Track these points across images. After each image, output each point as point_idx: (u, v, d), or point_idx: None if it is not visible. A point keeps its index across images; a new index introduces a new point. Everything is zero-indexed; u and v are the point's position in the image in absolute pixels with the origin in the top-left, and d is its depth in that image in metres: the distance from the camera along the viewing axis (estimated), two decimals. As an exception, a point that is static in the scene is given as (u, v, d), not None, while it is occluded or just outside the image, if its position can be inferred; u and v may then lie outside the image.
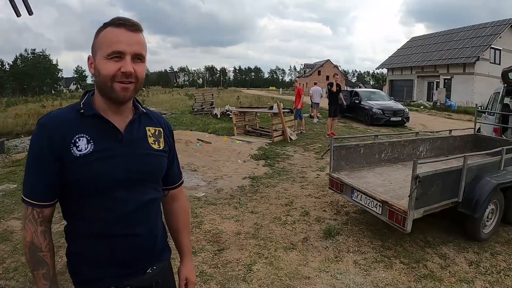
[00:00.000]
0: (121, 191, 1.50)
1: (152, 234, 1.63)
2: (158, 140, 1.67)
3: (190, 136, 12.45)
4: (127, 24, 1.48)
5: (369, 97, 20.12)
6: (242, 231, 5.12)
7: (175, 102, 33.58)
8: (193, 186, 7.52)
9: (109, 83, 1.45)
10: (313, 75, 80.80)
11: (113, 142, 1.50)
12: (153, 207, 1.63)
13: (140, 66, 1.50)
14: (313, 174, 8.13)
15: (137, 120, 1.61)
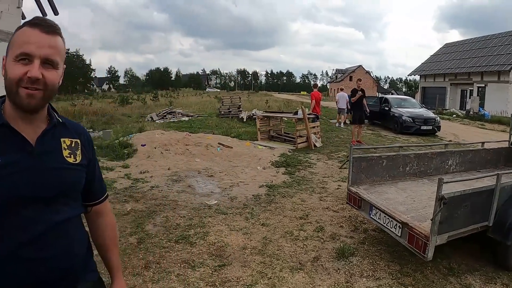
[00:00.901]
0: (30, 210, 1.36)
1: (69, 256, 1.47)
2: (75, 152, 1.54)
3: (211, 139, 12.21)
4: (43, 25, 1.37)
5: (399, 104, 19.43)
6: (248, 246, 4.77)
7: (204, 105, 33.49)
8: (206, 193, 7.24)
9: (14, 87, 1.33)
10: (344, 80, 79.93)
11: (21, 156, 1.37)
12: (69, 227, 1.49)
13: (51, 73, 1.37)
14: (334, 185, 7.71)
15: (51, 131, 1.47)
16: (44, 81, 1.35)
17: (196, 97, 52.42)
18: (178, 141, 11.79)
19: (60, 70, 1.43)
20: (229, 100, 24.08)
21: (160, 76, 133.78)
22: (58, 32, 1.41)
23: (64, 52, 1.46)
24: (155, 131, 13.49)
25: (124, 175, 8.57)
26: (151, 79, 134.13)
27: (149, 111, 26.36)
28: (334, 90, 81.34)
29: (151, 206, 6.40)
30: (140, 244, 4.87)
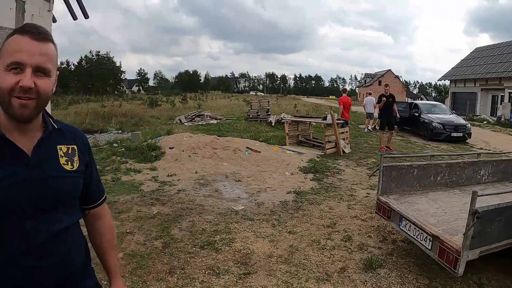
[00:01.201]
0: (29, 221, 1.37)
1: (68, 263, 1.49)
2: (72, 159, 1.53)
3: (239, 143, 12.21)
4: (33, 32, 1.34)
5: (429, 110, 19.04)
6: (274, 254, 4.70)
7: (232, 108, 33.58)
8: (233, 198, 7.21)
9: (6, 97, 1.31)
10: (373, 85, 78.93)
11: (18, 167, 1.36)
12: (68, 234, 1.50)
13: (44, 81, 1.35)
14: (362, 192, 7.57)
15: (47, 139, 1.46)
16: (37, 90, 1.33)
17: (224, 100, 52.67)
18: (206, 144, 11.83)
19: (53, 77, 1.41)
20: (258, 103, 24.05)
21: (189, 78, 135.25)
22: (49, 39, 1.39)
23: (57, 59, 1.44)
24: (183, 134, 13.57)
25: (151, 178, 8.63)
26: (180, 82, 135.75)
27: (177, 114, 26.58)
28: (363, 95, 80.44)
29: (177, 210, 6.40)
30: (165, 248, 4.87)
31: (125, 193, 7.34)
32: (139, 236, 5.28)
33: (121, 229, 5.51)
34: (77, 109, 29.84)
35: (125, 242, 5.07)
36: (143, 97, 59.29)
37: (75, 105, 38.34)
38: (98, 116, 22.69)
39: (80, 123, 19.97)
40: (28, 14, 11.55)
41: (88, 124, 20.00)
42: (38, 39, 1.34)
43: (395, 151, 12.70)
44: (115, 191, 7.51)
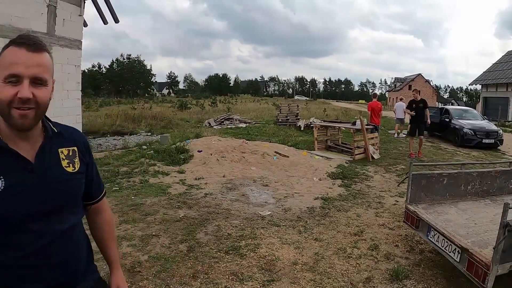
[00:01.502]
0: (36, 224, 1.45)
1: (73, 260, 1.59)
2: (73, 161, 1.61)
3: (268, 148, 12.19)
4: (28, 44, 1.38)
5: (460, 115, 18.55)
6: (299, 261, 4.65)
7: (262, 111, 33.61)
8: (260, 203, 7.20)
9: (6, 109, 1.36)
10: (403, 89, 77.68)
11: (23, 175, 1.43)
12: (73, 233, 1.60)
13: (41, 91, 1.41)
14: (391, 200, 7.42)
15: (48, 144, 1.54)
16: (35, 100, 1.38)
17: (253, 104, 52.74)
18: (234, 148, 11.85)
19: (49, 86, 1.46)
20: (287, 107, 24.03)
21: (218, 82, 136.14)
22: (44, 49, 1.44)
23: (52, 67, 1.49)
24: (212, 137, 13.64)
25: (179, 181, 8.69)
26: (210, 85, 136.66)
27: (207, 117, 26.80)
28: (393, 99, 79.30)
29: (203, 214, 6.42)
30: (190, 252, 4.89)
31: (152, 196, 7.41)
32: (164, 239, 5.32)
33: (147, 232, 5.56)
34: (108, 111, 30.41)
35: (150, 244, 5.11)
36: (173, 100, 59.94)
37: (106, 107, 39.11)
38: (128, 118, 23.07)
39: (111, 125, 20.35)
40: (60, 19, 11.85)
41: (118, 126, 20.36)
42: (34, 50, 1.39)
43: (425, 158, 12.45)
44: (142, 193, 7.60)
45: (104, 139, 16.58)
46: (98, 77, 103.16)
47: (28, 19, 10.65)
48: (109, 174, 9.12)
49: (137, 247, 5.01)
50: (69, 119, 12.24)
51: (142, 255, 4.77)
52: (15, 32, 10.11)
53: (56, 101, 11.80)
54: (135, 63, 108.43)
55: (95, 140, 15.84)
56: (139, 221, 6.05)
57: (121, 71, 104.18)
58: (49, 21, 11.48)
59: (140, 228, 5.74)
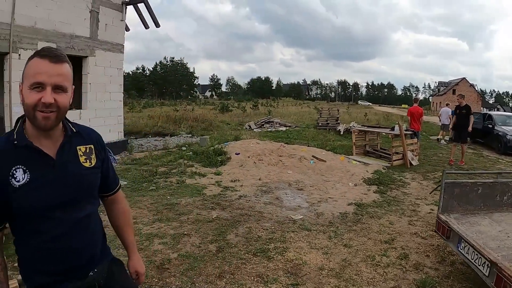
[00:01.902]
0: (58, 212, 1.66)
1: (90, 243, 1.82)
2: (90, 157, 1.82)
3: (305, 152, 12.18)
4: (50, 56, 1.58)
5: (504, 121, 17.67)
6: (326, 267, 4.64)
7: (303, 115, 33.50)
8: (293, 207, 7.21)
9: (31, 112, 1.57)
10: (447, 94, 75.44)
11: (46, 169, 1.65)
12: (90, 220, 1.81)
13: (62, 96, 1.61)
14: (426, 208, 7.25)
15: (67, 142, 1.74)
16: (57, 105, 1.59)
17: (295, 107, 52.57)
18: (272, 151, 11.91)
19: (69, 92, 1.66)
20: (328, 111, 23.87)
21: (261, 85, 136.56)
22: (65, 60, 1.64)
23: (71, 76, 1.68)
24: (250, 140, 13.74)
25: (215, 182, 8.81)
26: (252, 88, 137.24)
27: (248, 120, 26.92)
28: (437, 104, 77.27)
29: (236, 216, 6.50)
30: (218, 252, 4.98)
31: (188, 196, 7.56)
32: (195, 238, 5.43)
33: (179, 231, 5.69)
34: (151, 112, 31.03)
35: (181, 243, 5.24)
36: (215, 102, 60.56)
37: (149, 109, 39.92)
38: (170, 120, 23.44)
39: (152, 126, 20.74)
40: (102, 24, 12.29)
41: (160, 127, 20.72)
42: (55, 61, 1.59)
43: (465, 166, 12.09)
44: (178, 193, 7.76)
45: (145, 140, 16.92)
46: (142, 79, 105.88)
47: (72, 24, 11.13)
48: (147, 174, 9.35)
49: (168, 245, 5.15)
50: (111, 120, 12.64)
51: (172, 253, 4.90)
52: (59, 37, 10.66)
53: (99, 102, 12.23)
54: (178, 66, 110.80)
55: (136, 141, 16.19)
56: (173, 220, 6.19)
57: (164, 73, 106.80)
58: (92, 26, 11.92)
59: (173, 227, 5.88)
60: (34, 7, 9.92)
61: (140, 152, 12.96)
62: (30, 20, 9.86)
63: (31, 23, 9.89)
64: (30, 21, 9.88)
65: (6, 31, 9.25)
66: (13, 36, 9.36)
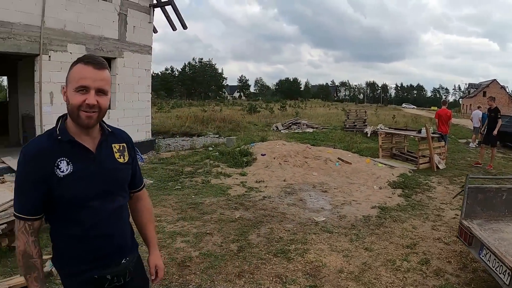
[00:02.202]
0: (95, 202, 1.84)
1: (123, 233, 2.00)
2: (123, 154, 2.02)
3: (331, 154, 12.16)
4: (94, 63, 1.77)
5: None
6: (345, 270, 4.65)
7: (330, 117, 33.32)
8: (316, 209, 7.24)
9: (76, 111, 1.76)
10: (477, 96, 73.46)
11: (87, 162, 1.84)
12: (122, 211, 2.00)
13: (103, 99, 1.81)
14: (451, 213, 7.14)
15: (105, 140, 1.94)
16: (99, 106, 1.79)
17: (323, 109, 52.28)
18: (298, 153, 11.92)
19: (109, 95, 1.87)
20: (355, 113, 23.72)
21: (289, 86, 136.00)
22: (106, 67, 1.83)
23: (110, 80, 1.89)
24: (276, 142, 13.78)
25: (240, 183, 8.90)
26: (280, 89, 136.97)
27: (275, 121, 26.95)
28: (467, 106, 75.38)
29: (259, 216, 6.57)
30: (239, 252, 5.06)
31: (212, 196, 7.67)
32: (217, 237, 5.53)
33: (201, 229, 5.80)
34: (179, 112, 31.39)
35: (203, 242, 5.34)
36: (243, 103, 60.70)
37: (177, 109, 40.35)
38: (198, 120, 23.68)
39: (180, 126, 21.01)
40: (130, 26, 12.57)
41: (187, 127, 20.98)
42: (99, 68, 1.78)
43: (494, 170, 11.84)
44: (203, 193, 7.87)
45: (173, 140, 17.17)
46: (171, 80, 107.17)
47: (100, 26, 11.48)
48: (173, 173, 9.52)
49: (190, 243, 5.26)
50: (139, 120, 12.90)
51: (194, 251, 5.01)
52: (88, 39, 10.98)
53: (127, 102, 12.50)
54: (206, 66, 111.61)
55: (164, 140, 16.44)
56: (196, 219, 6.30)
57: (193, 74, 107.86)
58: (120, 28, 12.23)
59: (196, 226, 5.99)
60: (64, 10, 10.29)
61: (167, 152, 13.17)
62: (59, 23, 10.23)
63: (60, 25, 10.26)
64: (60, 24, 10.24)
65: (37, 34, 9.61)
66: (43, 38, 9.73)
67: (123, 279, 1.98)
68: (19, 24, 9.18)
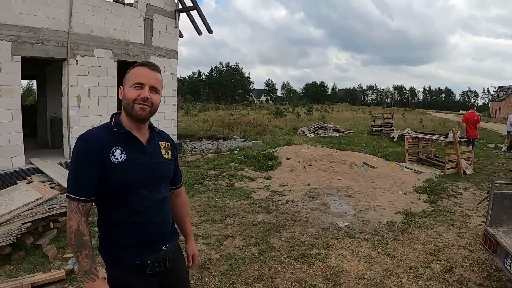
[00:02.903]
0: (143, 190, 2.03)
1: (164, 222, 2.17)
2: (168, 151, 2.24)
3: (356, 158, 12.07)
4: (149, 65, 2.08)
5: None
6: (366, 276, 4.61)
7: (357, 121, 33.02)
8: (340, 213, 7.21)
9: (131, 104, 2.01)
10: (507, 99, 71.33)
11: (139, 153, 2.05)
12: (165, 202, 2.18)
13: (155, 96, 2.07)
14: (477, 220, 6.97)
15: (153, 137, 2.17)
16: (151, 101, 2.03)
17: (350, 113, 51.79)
18: (323, 157, 11.88)
19: (160, 94, 2.12)
20: (382, 117, 23.47)
21: (316, 89, 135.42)
22: (159, 70, 2.11)
23: (162, 83, 2.17)
24: (302, 146, 13.77)
25: (264, 186, 8.93)
26: (307, 93, 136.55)
27: (301, 125, 26.90)
28: (496, 110, 73.38)
29: (281, 220, 6.58)
30: (260, 255, 5.09)
31: (236, 199, 7.72)
32: (239, 240, 5.56)
33: (223, 232, 5.85)
34: (206, 116, 31.62)
35: (224, 244, 5.39)
36: (270, 107, 60.71)
37: (204, 113, 40.60)
38: (224, 124, 23.82)
39: (206, 130, 21.17)
40: (156, 31, 12.81)
41: (213, 131, 21.12)
42: (153, 69, 2.07)
43: None
44: (226, 196, 7.93)
45: (199, 143, 17.32)
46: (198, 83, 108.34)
47: (126, 31, 11.75)
48: (198, 176, 9.62)
49: (212, 246, 5.32)
50: (165, 123, 13.10)
51: (215, 254, 5.06)
52: (114, 44, 11.23)
53: (154, 106, 12.73)
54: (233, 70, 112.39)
55: (190, 143, 16.61)
56: (219, 222, 6.35)
57: (220, 78, 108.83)
58: (146, 33, 12.47)
59: (218, 228, 6.04)
60: (90, 16, 10.59)
61: (193, 155, 13.30)
62: (86, 28, 10.52)
63: (87, 31, 10.55)
64: (87, 29, 10.54)
65: (64, 39, 9.91)
66: (70, 43, 10.04)
67: (163, 265, 2.12)
68: (47, 29, 9.48)
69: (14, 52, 8.76)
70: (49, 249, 5.13)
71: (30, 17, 9.06)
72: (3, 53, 8.57)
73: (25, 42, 8.98)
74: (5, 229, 4.86)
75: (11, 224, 5.00)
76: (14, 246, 4.90)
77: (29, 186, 6.46)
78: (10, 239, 4.72)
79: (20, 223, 5.03)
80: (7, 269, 4.59)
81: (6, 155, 8.76)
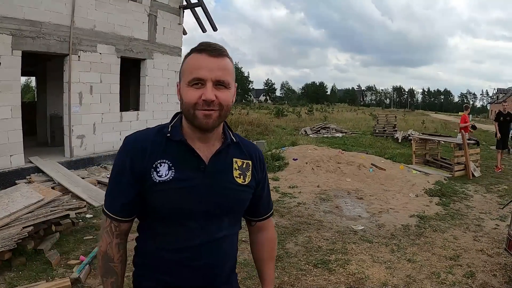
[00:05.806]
0: (195, 222, 1.49)
1: (219, 264, 1.57)
2: (245, 173, 1.60)
3: (364, 159, 12.01)
4: (208, 49, 1.42)
5: None
6: (389, 282, 4.55)
7: (358, 121, 33.00)
8: (353, 216, 7.15)
9: (191, 110, 1.42)
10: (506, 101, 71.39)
11: (194, 172, 1.48)
12: (225, 242, 1.57)
13: (224, 93, 1.43)
14: (491, 223, 6.92)
15: (224, 150, 1.55)
16: (219, 102, 1.41)
17: (350, 113, 51.80)
18: (330, 158, 11.82)
19: (232, 89, 1.48)
20: (385, 118, 23.45)
21: (315, 90, 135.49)
22: (225, 54, 1.45)
23: (234, 72, 1.51)
24: (307, 146, 13.71)
25: (272, 188, 8.83)
26: (306, 93, 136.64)
27: (303, 125, 26.89)
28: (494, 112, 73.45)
29: (295, 224, 6.51)
30: (278, 262, 4.95)
31: (247, 202, 7.62)
32: (255, 246, 5.46)
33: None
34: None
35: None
36: (270, 107, 60.64)
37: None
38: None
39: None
40: (160, 27, 12.73)
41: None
42: (215, 55, 1.42)
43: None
44: (236, 199, 7.83)
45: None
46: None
47: (130, 27, 11.61)
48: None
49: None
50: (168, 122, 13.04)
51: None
52: (117, 39, 11.13)
53: (156, 104, 12.67)
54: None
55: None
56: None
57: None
58: (150, 29, 12.35)
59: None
60: (94, 11, 10.41)
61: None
62: (89, 23, 10.33)
63: (90, 25, 10.37)
64: (89, 24, 10.35)
65: (66, 34, 9.70)
66: (72, 38, 9.83)
67: None
68: (48, 23, 9.25)
69: (14, 46, 8.49)
70: (51, 254, 4.84)
71: (31, 10, 8.81)
72: (3, 47, 8.28)
73: (26, 36, 8.73)
74: (5, 233, 4.51)
75: (11, 228, 4.64)
76: (15, 252, 4.58)
77: (29, 187, 6.16)
78: (11, 244, 4.33)
79: (21, 227, 4.66)
80: (8, 276, 4.33)
81: (4, 154, 8.48)
